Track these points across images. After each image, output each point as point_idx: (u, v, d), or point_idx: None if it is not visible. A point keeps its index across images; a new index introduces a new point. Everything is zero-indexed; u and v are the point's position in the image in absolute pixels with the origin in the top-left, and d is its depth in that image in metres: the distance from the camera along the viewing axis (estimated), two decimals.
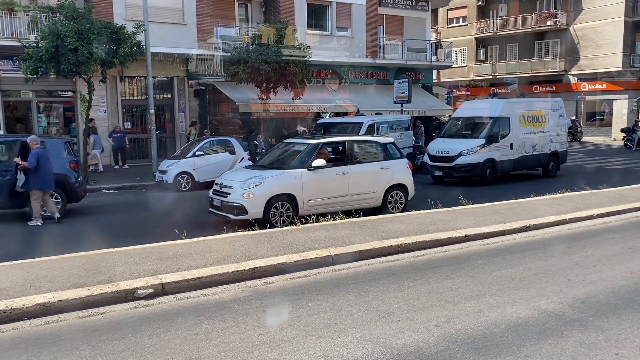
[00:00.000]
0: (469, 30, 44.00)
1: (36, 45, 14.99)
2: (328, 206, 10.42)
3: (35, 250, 8.09)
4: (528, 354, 4.36)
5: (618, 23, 35.56)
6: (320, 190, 10.29)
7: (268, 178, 9.98)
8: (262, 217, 9.69)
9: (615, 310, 5.30)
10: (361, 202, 10.87)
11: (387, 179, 11.10)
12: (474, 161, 15.98)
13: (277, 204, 9.85)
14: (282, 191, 9.94)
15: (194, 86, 21.95)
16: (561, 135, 18.79)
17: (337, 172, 10.57)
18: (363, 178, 10.85)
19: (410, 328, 4.90)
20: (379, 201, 11.04)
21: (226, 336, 4.79)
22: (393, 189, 11.20)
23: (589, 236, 8.79)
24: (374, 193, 10.97)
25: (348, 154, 10.86)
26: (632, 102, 35.77)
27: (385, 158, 11.33)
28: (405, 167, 11.56)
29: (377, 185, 10.99)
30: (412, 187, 11.55)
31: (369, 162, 11.21)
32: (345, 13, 25.43)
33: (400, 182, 11.32)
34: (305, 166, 10.23)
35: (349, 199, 10.65)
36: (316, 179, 10.23)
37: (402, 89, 21.68)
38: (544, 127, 17.91)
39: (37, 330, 5.08)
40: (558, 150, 18.45)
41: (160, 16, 20.04)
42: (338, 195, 10.50)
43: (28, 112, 19.77)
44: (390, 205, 11.12)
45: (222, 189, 10.25)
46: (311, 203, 10.19)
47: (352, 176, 10.65)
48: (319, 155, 10.47)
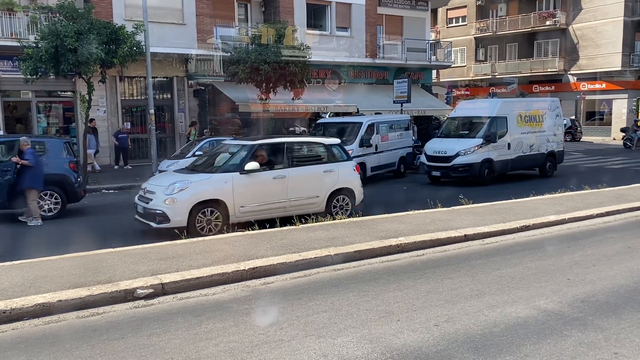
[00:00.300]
0: (468, 30, 44.02)
1: (36, 45, 14.99)
2: (264, 212, 9.79)
3: (34, 250, 8.08)
4: (527, 353, 4.36)
5: (617, 23, 35.58)
6: (255, 195, 9.66)
7: (193, 183, 9.30)
8: (186, 226, 8.98)
9: (614, 310, 5.30)
10: (302, 208, 10.25)
11: (331, 183, 10.57)
12: (471, 161, 15.88)
13: (205, 211, 9.18)
14: (209, 197, 9.25)
15: (194, 86, 21.95)
16: (558, 135, 18.73)
17: (274, 175, 9.95)
18: (304, 182, 10.27)
19: (410, 328, 4.90)
20: (322, 206, 10.47)
21: (226, 336, 4.79)
22: (338, 193, 10.68)
23: (589, 236, 8.80)
24: (316, 198, 10.40)
25: (288, 156, 10.25)
26: (631, 101, 35.80)
27: (330, 160, 10.82)
28: (351, 170, 11.03)
29: (319, 190, 10.44)
30: (359, 191, 11.06)
31: (311, 164, 10.67)
32: (345, 13, 25.44)
33: (346, 186, 10.80)
34: (237, 170, 9.60)
35: (287, 205, 10.04)
36: (249, 184, 9.59)
37: (401, 89, 21.68)
38: (541, 126, 17.85)
39: (36, 331, 5.09)
40: (555, 150, 18.42)
41: (159, 16, 20.04)
42: (275, 201, 9.89)
43: (28, 113, 19.77)
44: (335, 211, 10.57)
45: (145, 194, 9.58)
46: (244, 209, 9.55)
47: (292, 180, 10.05)
48: (257, 157, 9.91)
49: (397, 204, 12.33)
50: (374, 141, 17.31)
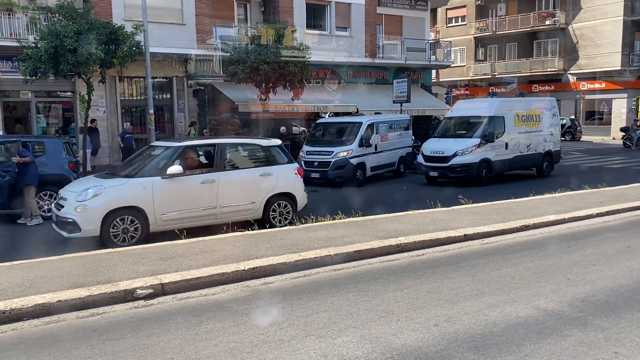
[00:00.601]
0: (467, 29, 44.02)
1: (35, 45, 14.98)
2: (190, 220, 9.12)
3: (33, 250, 8.08)
4: (527, 353, 4.36)
5: (617, 22, 35.59)
6: (179, 202, 8.93)
7: (108, 188, 8.60)
8: (99, 235, 8.37)
9: (614, 309, 5.30)
10: (235, 215, 9.59)
11: (268, 187, 9.87)
12: (469, 161, 15.77)
13: (122, 219, 8.49)
14: (125, 203, 8.54)
15: (193, 86, 21.93)
16: (555, 134, 18.65)
17: (202, 180, 9.22)
18: (237, 187, 9.58)
19: (410, 327, 4.90)
20: (259, 213, 9.81)
21: (226, 336, 4.79)
22: (277, 199, 9.99)
23: (588, 235, 8.80)
24: (251, 204, 9.69)
25: (219, 159, 9.51)
26: (631, 101, 35.82)
27: (269, 163, 10.11)
28: (293, 173, 10.37)
29: (255, 195, 9.73)
30: (302, 195, 10.41)
31: (245, 168, 10.02)
32: (344, 13, 25.43)
33: (287, 191, 10.12)
34: (159, 174, 8.87)
35: (218, 212, 9.35)
36: (173, 189, 8.88)
37: (401, 89, 21.68)
38: (538, 126, 17.78)
39: (36, 331, 5.08)
40: (552, 149, 18.33)
41: (159, 16, 20.02)
42: (204, 207, 9.20)
43: (27, 113, 19.75)
44: (274, 217, 9.96)
45: (59, 200, 8.97)
46: (167, 217, 8.85)
47: (223, 185, 9.33)
48: (186, 160, 9.31)
49: (396, 203, 12.33)
50: (374, 141, 17.31)
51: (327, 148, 16.87)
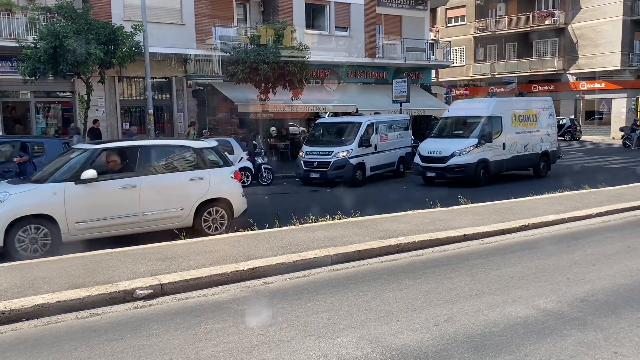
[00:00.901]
0: (467, 29, 44.04)
1: (34, 46, 14.98)
2: (110, 229, 8.50)
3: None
4: (527, 353, 4.36)
5: (617, 22, 35.61)
6: (95, 209, 8.29)
7: (13, 195, 7.95)
8: (3, 246, 7.72)
9: (614, 309, 5.30)
10: (161, 223, 8.92)
11: (199, 193, 9.15)
12: (467, 162, 15.66)
13: (28, 228, 7.84)
14: (32, 211, 7.91)
15: (193, 86, 21.94)
16: (552, 134, 18.58)
17: (122, 185, 8.53)
18: (162, 192, 8.88)
19: (410, 327, 4.90)
20: (190, 220, 9.11)
21: (225, 336, 4.79)
22: (210, 205, 9.27)
23: (588, 235, 8.79)
24: (180, 210, 9.02)
25: (142, 162, 8.83)
26: (630, 100, 35.85)
27: (200, 166, 9.37)
28: (228, 177, 9.66)
29: (184, 201, 9.03)
30: (240, 201, 9.68)
31: (172, 172, 9.29)
32: (344, 13, 25.43)
33: (221, 196, 9.41)
34: (72, 179, 8.21)
35: (141, 219, 8.68)
36: (88, 195, 8.26)
37: (400, 89, 21.70)
38: (535, 126, 17.71)
39: (35, 331, 5.08)
40: (549, 150, 18.27)
41: (158, 16, 20.03)
42: (124, 215, 8.52)
43: (26, 113, 19.75)
44: (207, 225, 9.27)
45: None
46: (81, 226, 8.22)
47: (145, 190, 8.64)
48: (108, 163, 8.76)
49: (395, 204, 12.32)
50: (373, 141, 17.32)
51: (327, 148, 16.87)
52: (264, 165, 17.09)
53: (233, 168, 10.04)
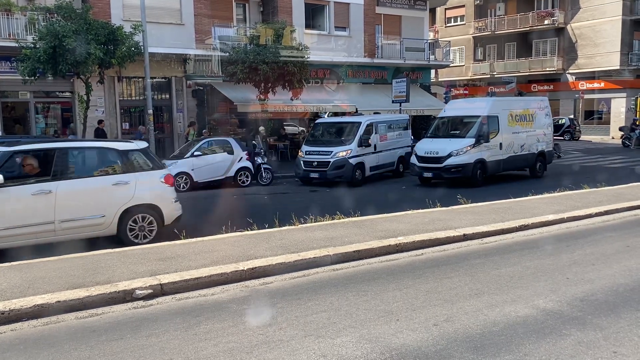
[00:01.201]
0: (466, 29, 44.05)
1: (34, 46, 14.98)
2: (21, 238, 7.86)
3: (33, 250, 8.07)
4: (527, 352, 4.36)
5: (616, 22, 35.63)
6: (3, 217, 7.70)
7: None
8: None
9: (613, 309, 5.30)
10: (80, 231, 8.31)
11: (123, 199, 8.53)
12: (464, 162, 15.47)
13: None
14: None
15: (192, 86, 21.94)
16: (547, 134, 18.40)
17: (34, 191, 7.91)
18: (80, 198, 8.27)
19: (409, 327, 4.90)
20: (113, 228, 8.50)
21: (225, 336, 4.79)
22: (136, 212, 8.66)
23: (588, 235, 8.80)
24: (101, 217, 8.39)
25: (58, 166, 8.20)
26: (630, 100, 35.86)
27: (126, 170, 8.72)
28: (158, 181, 9.00)
29: (105, 208, 8.42)
30: (171, 207, 9.09)
31: (94, 176, 8.67)
32: (343, 13, 25.44)
33: (148, 202, 8.79)
34: None
35: (57, 228, 8.06)
36: None
37: (400, 89, 21.70)
38: (532, 126, 17.56)
39: (35, 332, 5.08)
40: (545, 150, 18.09)
41: (157, 16, 20.03)
42: (37, 223, 7.91)
43: (26, 113, 19.74)
44: (133, 234, 8.64)
45: None
46: None
47: (62, 196, 8.04)
48: (15, 167, 8.22)
49: (395, 203, 12.33)
50: (373, 141, 17.33)
51: (326, 148, 16.87)
52: (263, 165, 17.10)
53: (164, 172, 9.33)
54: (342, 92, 25.00)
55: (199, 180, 15.86)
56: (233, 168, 16.50)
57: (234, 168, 16.52)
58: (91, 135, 18.53)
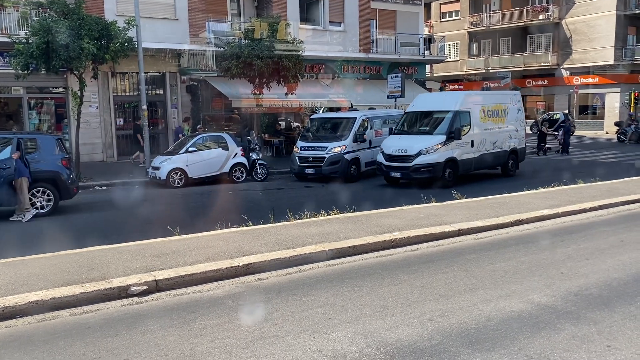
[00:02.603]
0: (461, 24, 44.03)
1: (26, 41, 14.87)
2: None
3: (28, 247, 8.04)
4: (521, 346, 4.38)
5: (610, 17, 35.69)
6: None
7: None
8: None
9: (607, 303, 5.33)
10: None
11: None
12: (434, 161, 14.43)
13: None
14: None
15: (187, 82, 21.87)
16: (520, 131, 17.44)
17: None
18: None
19: (405, 322, 4.91)
20: None
21: (220, 332, 4.79)
22: None
23: (582, 229, 8.84)
24: None
25: None
26: (624, 95, 35.97)
27: None
28: None
29: None
30: None
31: None
32: (338, 7, 25.37)
33: None
34: None
35: None
36: None
37: (395, 84, 21.69)
38: (504, 122, 16.61)
39: (30, 328, 5.06)
40: (517, 147, 17.21)
41: (151, 11, 19.93)
42: None
43: (19, 109, 19.63)
44: None
45: None
46: None
47: None
48: None
49: (391, 199, 12.35)
50: (368, 136, 17.33)
51: (321, 144, 16.85)
52: (258, 161, 17.07)
53: None
54: (337, 87, 24.98)
55: (193, 176, 15.82)
56: (228, 164, 16.47)
57: (229, 164, 16.49)
58: (85, 131, 18.47)
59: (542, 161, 21.79)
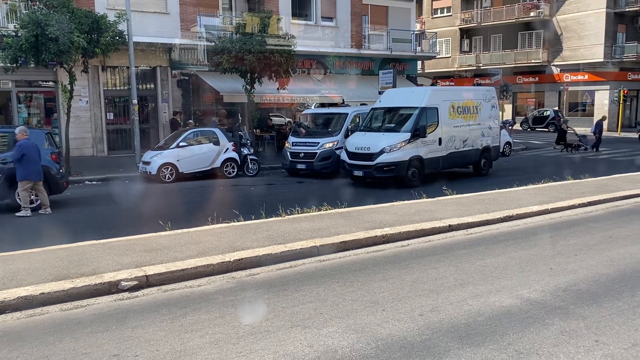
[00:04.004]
0: (453, 20, 44.11)
1: (15, 34, 14.71)
2: None
3: (17, 241, 7.98)
4: (511, 341, 4.42)
5: (600, 14, 35.90)
6: None
7: None
8: None
9: (595, 299, 5.38)
10: None
11: None
12: (397, 159, 13.78)
13: None
14: None
15: (177, 76, 21.74)
16: (494, 128, 16.81)
17: None
18: None
19: (395, 317, 4.94)
20: None
21: (211, 327, 4.79)
22: None
23: (571, 225, 8.91)
24: None
25: None
26: (613, 92, 36.23)
27: None
28: None
29: None
30: None
31: None
32: (330, 3, 25.33)
33: None
34: None
35: None
36: None
37: (386, 80, 21.71)
38: (476, 119, 15.95)
39: (19, 324, 5.03)
40: (490, 145, 16.58)
41: (142, 5, 19.79)
42: None
43: (8, 103, 19.43)
44: None
45: None
46: None
47: None
48: None
49: (383, 194, 12.37)
50: None
51: (313, 139, 16.83)
52: (250, 156, 17.04)
53: None
54: (329, 83, 24.96)
55: (184, 171, 15.76)
56: (219, 159, 16.42)
57: (220, 159, 16.44)
58: (75, 126, 18.34)
59: (555, 157, 21.88)
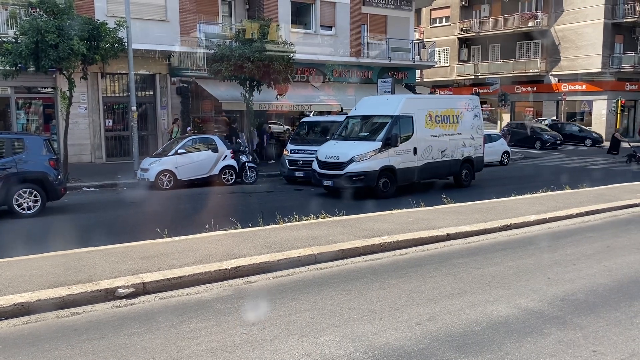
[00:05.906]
0: (452, 30, 44.30)
1: (15, 40, 14.74)
2: None
3: (14, 248, 7.96)
4: (508, 351, 4.41)
5: (598, 25, 36.10)
6: None
7: None
8: None
9: (593, 309, 5.38)
10: None
11: None
12: (367, 169, 13.29)
13: None
14: None
15: (177, 83, 21.79)
16: (477, 138, 16.21)
17: None
18: None
19: (393, 326, 4.92)
20: None
21: (208, 335, 4.77)
22: None
23: (569, 235, 8.91)
24: None
25: None
26: (611, 102, 36.36)
27: None
28: None
29: None
30: None
31: None
32: (329, 11, 25.44)
33: None
34: None
35: None
36: None
37: (385, 88, 21.79)
38: (456, 129, 15.43)
39: (15, 330, 5.01)
40: (472, 156, 16.02)
41: (142, 12, 19.85)
42: None
43: (7, 109, 19.43)
44: None
45: None
46: None
47: None
48: None
49: (382, 202, 12.36)
50: None
51: (312, 147, 16.83)
52: (248, 164, 17.04)
53: None
54: (328, 91, 25.02)
55: (182, 178, 15.75)
56: (217, 166, 16.41)
57: (219, 166, 16.44)
58: (73, 132, 18.33)
59: (554, 165, 21.90)
